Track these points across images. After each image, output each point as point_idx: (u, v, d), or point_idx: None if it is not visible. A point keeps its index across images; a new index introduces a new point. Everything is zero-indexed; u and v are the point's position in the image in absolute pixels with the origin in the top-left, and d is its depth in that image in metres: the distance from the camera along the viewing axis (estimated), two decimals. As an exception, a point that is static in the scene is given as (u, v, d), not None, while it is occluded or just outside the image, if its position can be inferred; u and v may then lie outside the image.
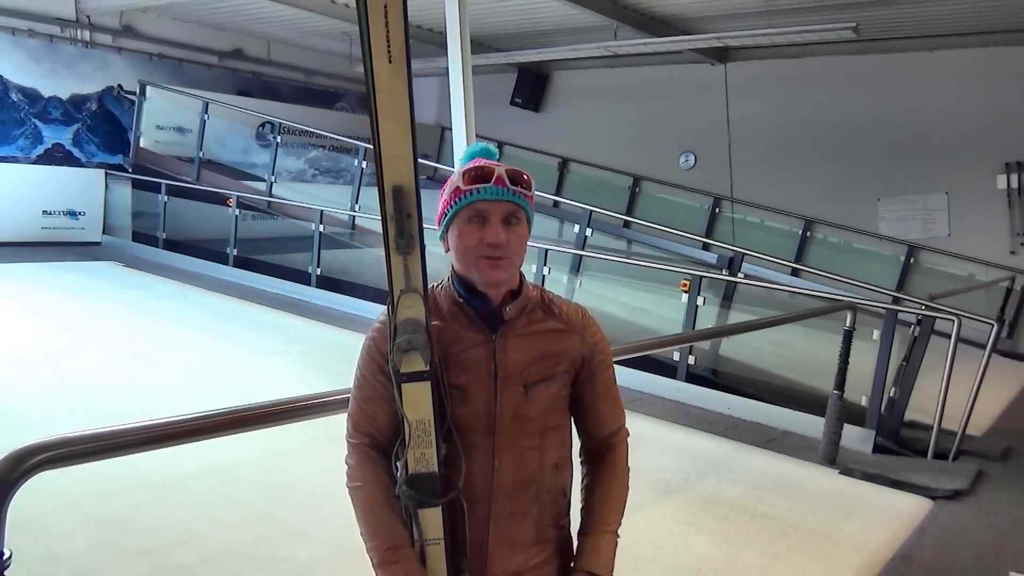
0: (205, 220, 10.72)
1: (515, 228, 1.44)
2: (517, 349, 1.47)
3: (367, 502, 1.46)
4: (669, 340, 5.64)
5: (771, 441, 5.32)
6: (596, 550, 1.53)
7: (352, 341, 7.14)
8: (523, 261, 1.51)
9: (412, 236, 1.40)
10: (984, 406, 5.60)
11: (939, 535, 3.92)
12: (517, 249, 1.45)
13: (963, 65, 9.96)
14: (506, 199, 1.43)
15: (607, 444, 1.61)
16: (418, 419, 1.41)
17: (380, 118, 1.37)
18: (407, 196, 1.39)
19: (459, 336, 1.46)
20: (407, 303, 1.41)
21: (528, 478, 1.48)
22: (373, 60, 1.35)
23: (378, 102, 1.36)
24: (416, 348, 1.39)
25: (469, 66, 6.08)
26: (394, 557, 1.42)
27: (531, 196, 1.48)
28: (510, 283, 1.49)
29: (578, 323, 1.55)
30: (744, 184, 11.70)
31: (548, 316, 1.53)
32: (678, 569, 3.33)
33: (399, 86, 1.36)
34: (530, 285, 1.55)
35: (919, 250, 10.45)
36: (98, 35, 11.96)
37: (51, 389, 5.05)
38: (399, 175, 1.38)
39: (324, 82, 14.73)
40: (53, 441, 1.61)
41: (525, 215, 1.47)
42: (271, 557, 3.16)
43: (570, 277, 7.45)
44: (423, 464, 1.41)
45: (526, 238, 1.48)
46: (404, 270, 1.41)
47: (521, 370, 1.47)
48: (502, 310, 1.48)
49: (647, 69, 12.49)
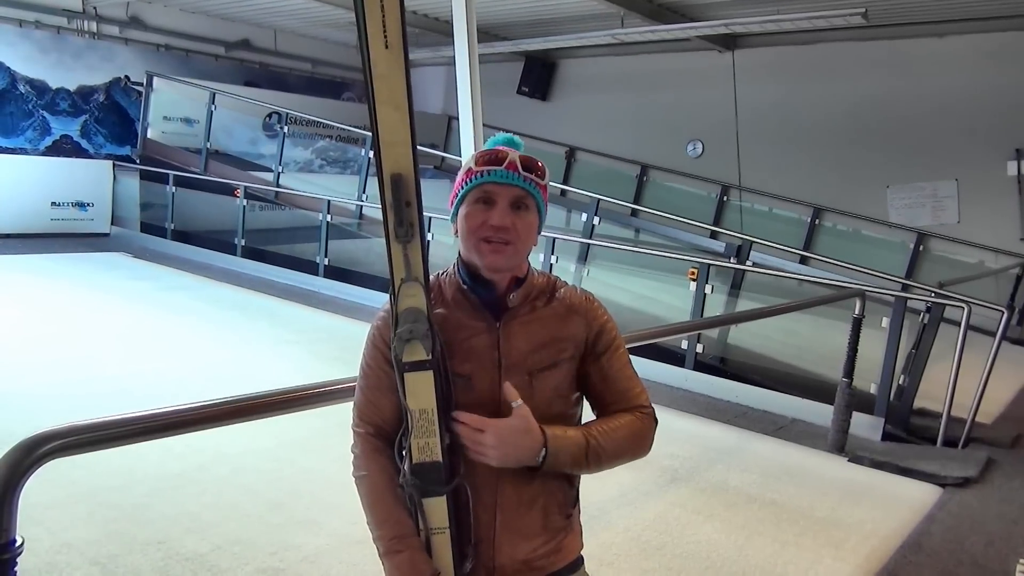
0: (213, 211, 10.76)
1: (523, 215, 1.43)
2: (521, 337, 1.46)
3: (372, 491, 1.46)
4: (677, 328, 5.63)
5: (780, 429, 5.32)
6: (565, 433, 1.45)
7: (361, 331, 7.09)
8: (529, 250, 1.49)
9: (412, 224, 1.39)
10: (994, 393, 5.58)
11: (948, 523, 3.92)
12: (523, 236, 1.43)
13: (973, 51, 9.88)
14: (515, 184, 1.42)
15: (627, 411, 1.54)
16: (421, 408, 1.40)
17: (378, 105, 1.34)
18: (407, 184, 1.38)
19: (463, 324, 1.46)
20: (408, 292, 1.40)
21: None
22: (370, 47, 1.33)
23: (376, 89, 1.34)
24: (417, 337, 1.38)
25: (476, 55, 6.06)
26: (399, 546, 1.42)
27: (543, 185, 1.47)
28: (515, 270, 1.48)
29: (581, 306, 1.53)
30: (752, 172, 11.65)
31: (552, 301, 1.52)
32: (687, 557, 3.34)
33: (397, 73, 1.34)
34: (536, 273, 1.54)
35: (928, 237, 10.39)
36: (105, 26, 11.98)
37: (62, 379, 5.08)
38: (398, 163, 1.37)
39: (331, 72, 14.72)
40: (63, 429, 1.61)
41: (535, 203, 1.45)
42: (281, 545, 3.17)
43: (578, 266, 7.45)
44: (427, 453, 1.41)
45: (534, 226, 1.46)
46: (404, 259, 1.40)
47: (525, 358, 1.46)
48: (506, 298, 1.47)
49: (654, 57, 12.43)
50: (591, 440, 1.45)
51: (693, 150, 12.43)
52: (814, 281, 6.81)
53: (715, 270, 6.51)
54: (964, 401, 5.09)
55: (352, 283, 8.79)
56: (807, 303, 5.71)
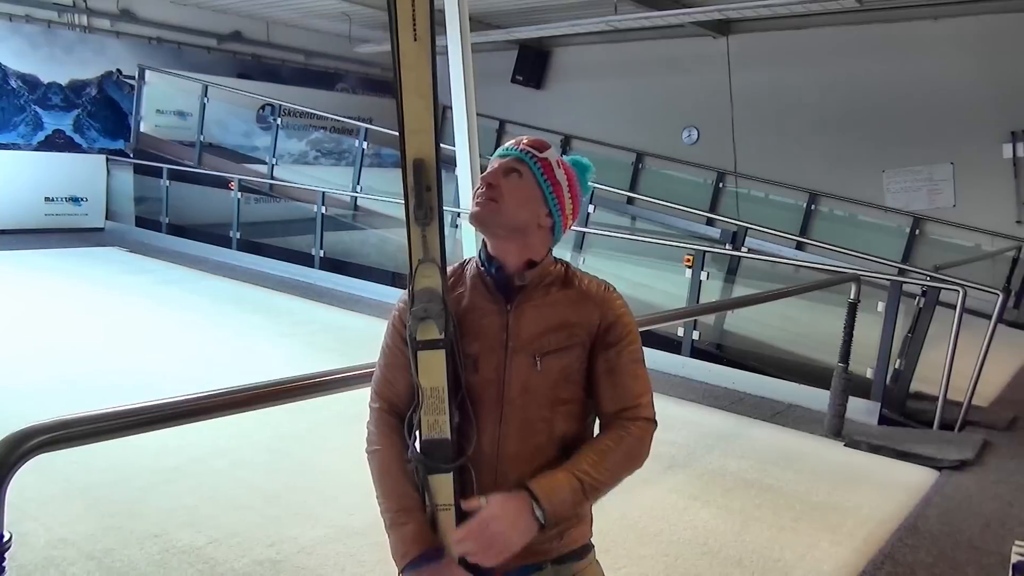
0: (208, 204, 10.71)
1: (513, 179, 1.50)
2: (531, 320, 1.48)
3: (382, 466, 1.50)
4: (673, 314, 5.62)
5: (776, 415, 5.32)
6: (553, 479, 1.42)
7: (357, 322, 7.19)
8: (523, 219, 1.50)
9: (431, 208, 1.45)
10: (990, 376, 5.60)
11: (945, 505, 3.92)
12: (510, 198, 1.49)
13: (967, 33, 9.85)
14: (510, 154, 1.52)
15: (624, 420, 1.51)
16: (432, 386, 1.45)
17: (405, 93, 1.43)
18: (428, 169, 1.45)
19: (475, 304, 1.50)
20: (424, 272, 1.46)
21: (535, 450, 1.48)
22: (399, 38, 1.41)
23: (403, 78, 1.43)
24: (431, 316, 1.44)
25: (469, 44, 6.02)
26: (404, 519, 1.45)
27: (542, 159, 1.52)
28: (525, 253, 1.51)
29: (598, 295, 1.54)
30: (747, 158, 11.64)
31: (567, 287, 1.54)
32: (684, 543, 3.34)
33: (423, 63, 1.42)
34: (553, 259, 1.57)
35: (924, 221, 10.40)
36: (96, 20, 11.90)
37: (56, 374, 5.07)
38: (421, 149, 1.45)
39: (324, 63, 14.64)
40: (51, 423, 1.60)
41: (531, 174, 1.51)
42: (279, 537, 3.17)
43: (573, 254, 7.44)
44: (436, 431, 1.46)
45: (527, 195, 1.50)
46: (422, 241, 1.46)
47: (533, 340, 1.47)
48: (515, 277, 1.50)
49: (648, 44, 12.39)
50: (583, 478, 1.42)
51: (688, 137, 12.40)
52: (810, 266, 6.79)
53: (711, 256, 6.50)
54: (960, 384, 5.10)
55: (348, 275, 8.78)
56: (803, 288, 5.70)
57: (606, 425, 1.54)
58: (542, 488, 1.40)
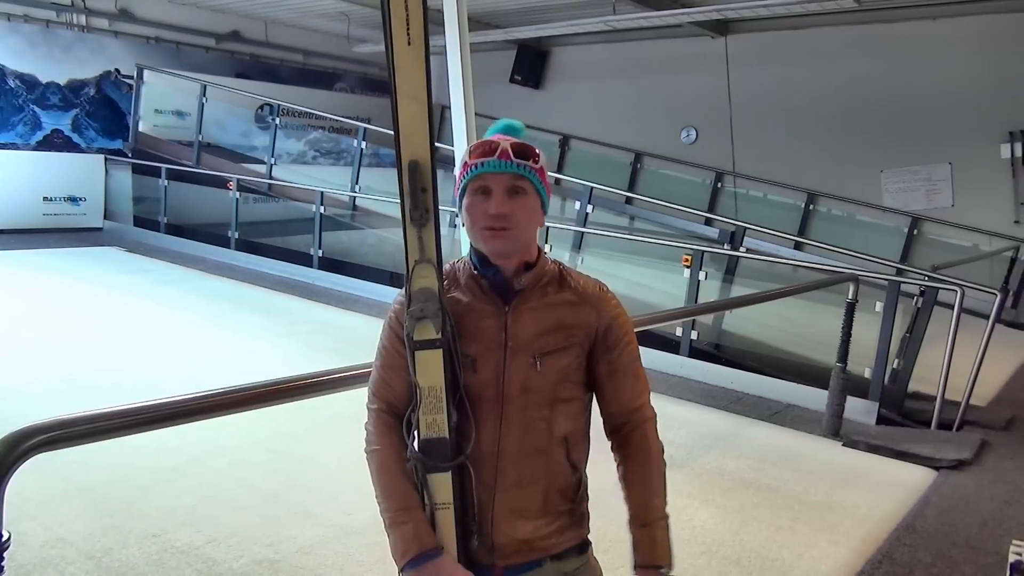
0: (206, 204, 10.70)
1: (520, 199, 1.46)
2: (529, 321, 1.49)
3: (381, 466, 1.51)
4: (672, 314, 5.62)
5: (774, 414, 5.33)
6: (652, 541, 1.56)
7: (355, 322, 7.19)
8: (535, 231, 1.52)
9: (427, 209, 1.47)
10: (988, 376, 5.60)
11: (943, 505, 3.93)
12: (523, 220, 1.47)
13: (966, 33, 9.86)
14: (509, 170, 1.46)
15: (630, 424, 1.59)
16: (430, 386, 1.46)
17: (400, 97, 1.45)
18: (423, 171, 1.46)
19: (473, 307, 1.50)
20: (421, 273, 1.47)
21: (535, 448, 1.49)
22: (394, 42, 1.43)
23: (398, 82, 1.45)
24: (428, 316, 1.45)
25: (467, 44, 6.01)
26: (403, 518, 1.46)
27: (539, 169, 1.50)
28: (523, 255, 1.51)
29: (594, 296, 1.55)
30: (746, 158, 11.64)
31: (563, 289, 1.54)
32: (682, 542, 3.34)
33: (417, 67, 1.44)
34: (548, 259, 1.57)
35: (923, 221, 10.40)
36: (94, 19, 11.89)
37: (55, 374, 5.07)
38: (416, 151, 1.46)
39: (323, 63, 14.63)
40: (49, 423, 1.60)
41: (533, 187, 1.49)
42: (277, 536, 3.17)
43: (572, 254, 7.44)
44: (434, 430, 1.46)
45: (534, 209, 1.49)
46: (419, 242, 1.47)
47: (532, 341, 1.48)
48: (514, 281, 1.50)
49: (647, 44, 12.39)
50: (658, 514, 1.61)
51: (687, 136, 12.40)
52: (808, 266, 6.80)
53: (709, 256, 6.50)
54: (958, 384, 5.10)
55: (346, 274, 8.77)
56: (801, 288, 5.71)
57: (618, 432, 1.61)
58: (660, 554, 1.57)
